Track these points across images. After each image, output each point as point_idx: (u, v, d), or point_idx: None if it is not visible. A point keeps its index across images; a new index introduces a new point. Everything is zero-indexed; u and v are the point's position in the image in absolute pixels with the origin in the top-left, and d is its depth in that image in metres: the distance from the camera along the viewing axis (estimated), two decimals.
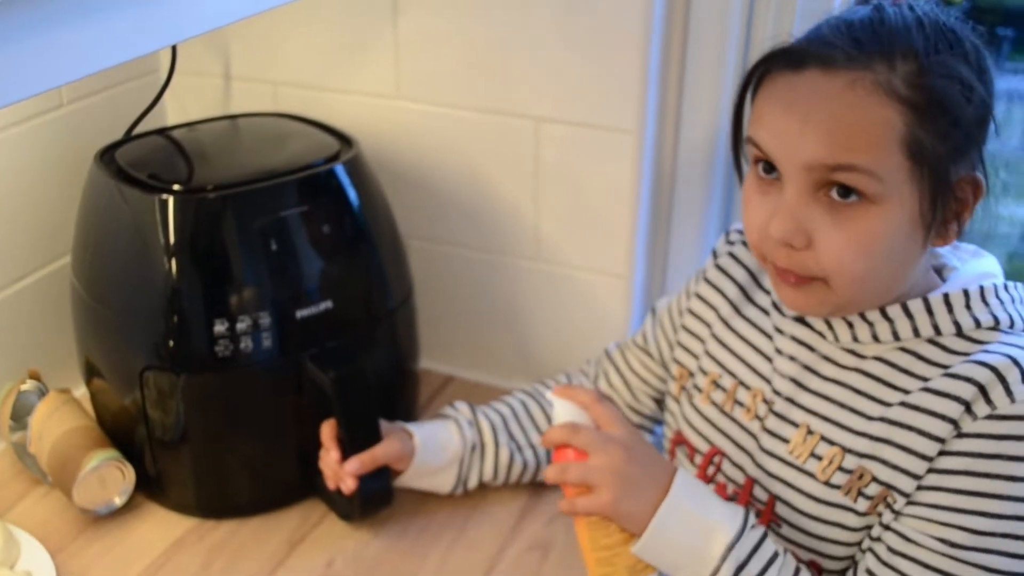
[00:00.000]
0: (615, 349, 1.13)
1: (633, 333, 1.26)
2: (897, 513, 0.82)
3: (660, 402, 1.09)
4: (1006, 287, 0.85)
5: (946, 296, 0.83)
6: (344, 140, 1.15)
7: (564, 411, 0.87)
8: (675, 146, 1.20)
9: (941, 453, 0.80)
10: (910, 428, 0.81)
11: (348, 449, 1.02)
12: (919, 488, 0.81)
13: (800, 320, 0.90)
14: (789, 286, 0.83)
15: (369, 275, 1.12)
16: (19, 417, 1.13)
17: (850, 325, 0.86)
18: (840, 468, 0.85)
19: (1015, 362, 0.79)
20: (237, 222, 1.02)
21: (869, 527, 0.85)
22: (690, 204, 1.23)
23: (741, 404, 0.93)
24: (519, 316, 1.30)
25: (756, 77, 0.83)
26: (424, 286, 1.24)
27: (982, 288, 0.84)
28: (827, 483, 0.85)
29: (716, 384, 0.96)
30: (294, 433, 1.09)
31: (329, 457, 1.03)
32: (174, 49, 1.25)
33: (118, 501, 1.08)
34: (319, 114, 1.22)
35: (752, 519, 0.83)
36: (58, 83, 0.67)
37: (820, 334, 0.88)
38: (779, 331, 0.92)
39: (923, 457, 0.80)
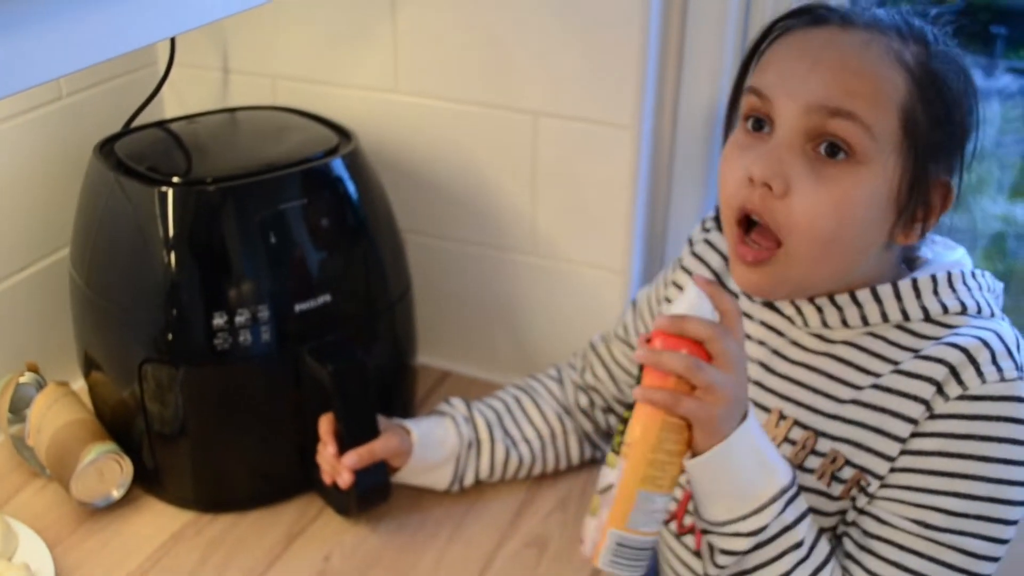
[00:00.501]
0: (600, 341, 1.14)
1: None
2: (871, 496, 0.82)
3: None
4: (973, 274, 0.87)
5: (914, 281, 0.84)
6: (343, 133, 1.14)
7: (696, 304, 0.79)
8: (672, 141, 1.20)
9: (914, 435, 0.81)
10: (883, 410, 0.82)
11: (346, 443, 1.02)
12: (893, 470, 0.81)
13: (769, 305, 0.91)
14: (745, 265, 0.83)
15: (368, 269, 1.12)
16: (17, 410, 1.13)
17: (819, 309, 0.86)
18: (813, 451, 0.85)
19: (985, 343, 0.80)
20: (236, 215, 1.02)
21: (843, 512, 0.85)
22: (687, 199, 1.23)
23: None
24: (516, 311, 1.30)
25: (775, 33, 0.84)
26: (421, 281, 1.24)
27: (949, 274, 0.85)
28: (801, 467, 0.86)
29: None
30: (292, 427, 1.08)
31: (327, 451, 1.03)
32: (173, 42, 1.25)
33: (116, 494, 1.08)
34: (318, 107, 1.22)
35: (792, 472, 0.82)
36: (56, 75, 0.67)
37: (789, 319, 0.89)
38: (748, 316, 0.92)
39: (896, 439, 0.81)
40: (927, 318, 0.84)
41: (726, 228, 0.86)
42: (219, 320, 1.01)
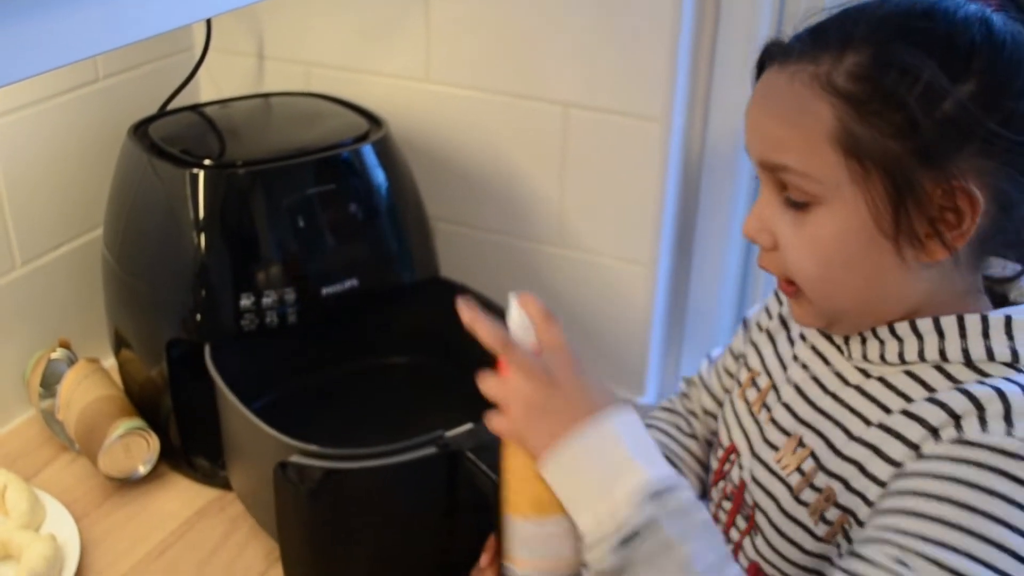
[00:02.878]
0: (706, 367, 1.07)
1: (656, 322, 1.27)
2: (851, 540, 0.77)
3: None
4: None
5: (960, 318, 0.75)
6: (374, 121, 1.16)
7: (516, 320, 0.78)
8: (703, 134, 1.20)
9: (896, 476, 0.74)
10: (877, 451, 0.76)
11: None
12: (872, 512, 0.75)
13: (823, 333, 0.86)
14: (789, 296, 0.81)
15: (395, 255, 1.13)
16: (49, 384, 1.15)
17: (863, 341, 0.80)
18: (810, 485, 0.80)
19: (1002, 395, 0.70)
20: (266, 198, 1.03)
21: (825, 557, 0.80)
22: (717, 193, 1.23)
23: (768, 407, 0.88)
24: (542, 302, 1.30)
25: (757, 71, 0.80)
26: (448, 269, 1.24)
27: (1009, 317, 0.74)
28: (798, 499, 0.81)
29: (753, 382, 0.92)
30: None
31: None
32: (209, 28, 1.26)
33: (142, 470, 1.10)
34: (350, 95, 1.23)
35: (685, 483, 0.73)
36: (91, 54, 0.68)
37: (839, 348, 0.84)
38: (802, 338, 0.88)
39: (879, 483, 0.75)
40: (967, 362, 0.74)
41: None
42: (246, 301, 1.03)
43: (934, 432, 0.72)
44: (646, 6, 1.10)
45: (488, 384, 0.76)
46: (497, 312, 0.78)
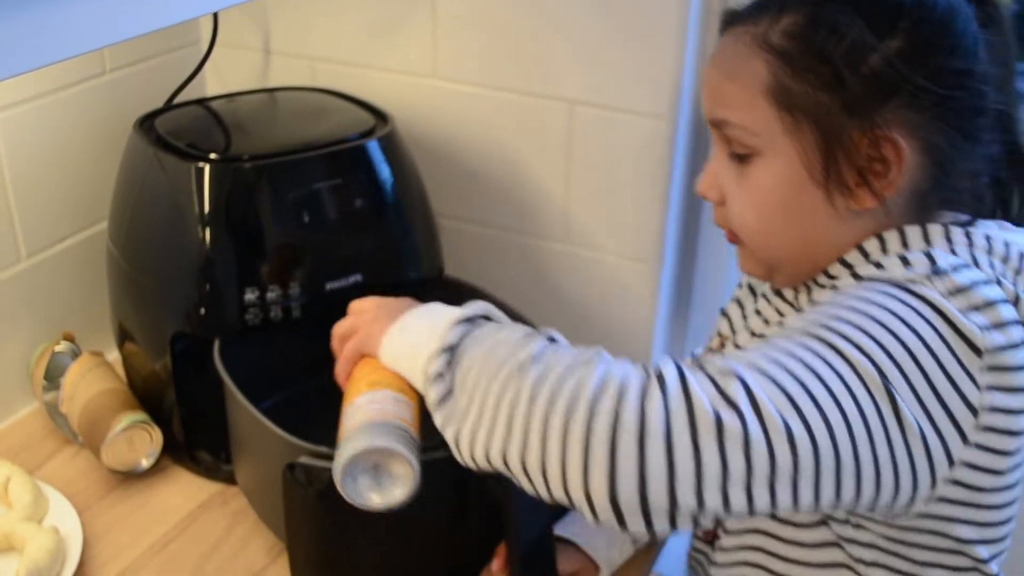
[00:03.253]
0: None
1: (660, 319, 1.27)
2: None
3: None
4: (969, 233, 0.78)
5: (880, 237, 0.79)
6: (380, 116, 1.15)
7: None
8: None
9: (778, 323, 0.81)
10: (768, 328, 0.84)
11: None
12: None
13: (777, 292, 0.90)
14: (734, 244, 0.87)
15: (400, 251, 1.13)
16: (52, 377, 1.15)
17: (808, 291, 0.84)
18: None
19: (903, 259, 0.74)
20: (271, 192, 1.03)
21: None
22: None
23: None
24: (546, 299, 1.30)
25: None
26: (453, 265, 1.24)
27: (925, 226, 0.78)
28: None
29: (723, 346, 0.97)
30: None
31: None
32: (216, 22, 1.26)
33: (145, 463, 1.10)
34: (356, 90, 1.23)
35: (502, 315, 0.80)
36: (98, 46, 0.68)
37: (791, 304, 0.88)
38: (764, 296, 0.93)
39: (762, 336, 0.82)
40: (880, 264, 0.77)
41: None
42: (251, 296, 1.03)
43: (810, 291, 0.81)
44: (653, 4, 1.10)
45: (337, 326, 0.86)
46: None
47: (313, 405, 0.91)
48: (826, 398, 0.65)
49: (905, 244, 0.78)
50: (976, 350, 0.70)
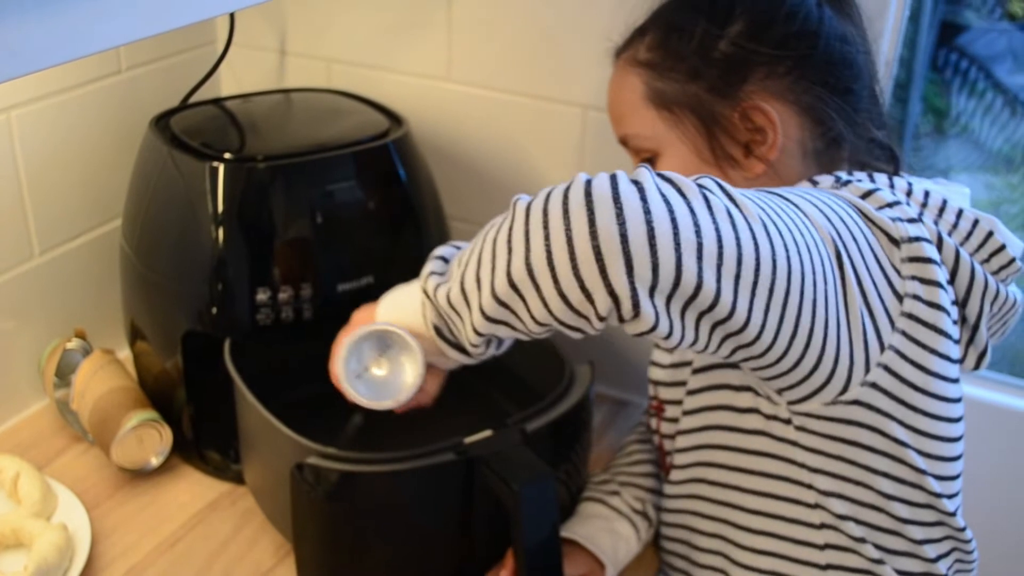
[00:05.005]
0: None
1: None
2: None
3: None
4: (891, 177, 0.85)
5: (813, 181, 0.85)
6: (394, 118, 1.16)
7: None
8: None
9: None
10: None
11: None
12: None
13: None
14: None
15: (413, 253, 1.13)
16: (63, 374, 1.16)
17: None
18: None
19: (811, 181, 0.83)
20: (285, 193, 1.03)
21: None
22: None
23: None
24: None
25: None
26: None
27: (839, 176, 0.84)
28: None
29: None
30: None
31: None
32: (232, 21, 1.26)
33: (155, 461, 1.10)
34: (371, 92, 1.23)
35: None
36: (115, 44, 0.68)
37: None
38: None
39: None
40: None
41: None
42: (262, 296, 1.03)
43: None
44: None
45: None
46: None
47: (322, 406, 0.91)
48: (792, 226, 0.70)
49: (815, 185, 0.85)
50: (894, 241, 0.77)
